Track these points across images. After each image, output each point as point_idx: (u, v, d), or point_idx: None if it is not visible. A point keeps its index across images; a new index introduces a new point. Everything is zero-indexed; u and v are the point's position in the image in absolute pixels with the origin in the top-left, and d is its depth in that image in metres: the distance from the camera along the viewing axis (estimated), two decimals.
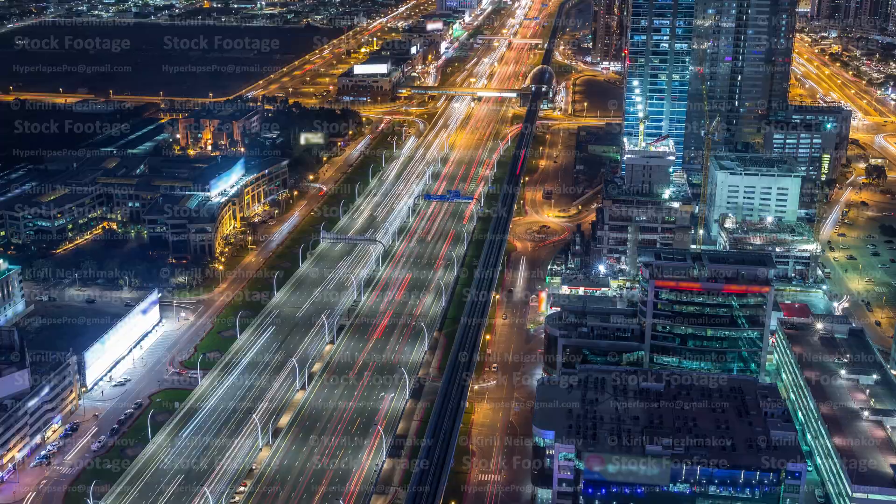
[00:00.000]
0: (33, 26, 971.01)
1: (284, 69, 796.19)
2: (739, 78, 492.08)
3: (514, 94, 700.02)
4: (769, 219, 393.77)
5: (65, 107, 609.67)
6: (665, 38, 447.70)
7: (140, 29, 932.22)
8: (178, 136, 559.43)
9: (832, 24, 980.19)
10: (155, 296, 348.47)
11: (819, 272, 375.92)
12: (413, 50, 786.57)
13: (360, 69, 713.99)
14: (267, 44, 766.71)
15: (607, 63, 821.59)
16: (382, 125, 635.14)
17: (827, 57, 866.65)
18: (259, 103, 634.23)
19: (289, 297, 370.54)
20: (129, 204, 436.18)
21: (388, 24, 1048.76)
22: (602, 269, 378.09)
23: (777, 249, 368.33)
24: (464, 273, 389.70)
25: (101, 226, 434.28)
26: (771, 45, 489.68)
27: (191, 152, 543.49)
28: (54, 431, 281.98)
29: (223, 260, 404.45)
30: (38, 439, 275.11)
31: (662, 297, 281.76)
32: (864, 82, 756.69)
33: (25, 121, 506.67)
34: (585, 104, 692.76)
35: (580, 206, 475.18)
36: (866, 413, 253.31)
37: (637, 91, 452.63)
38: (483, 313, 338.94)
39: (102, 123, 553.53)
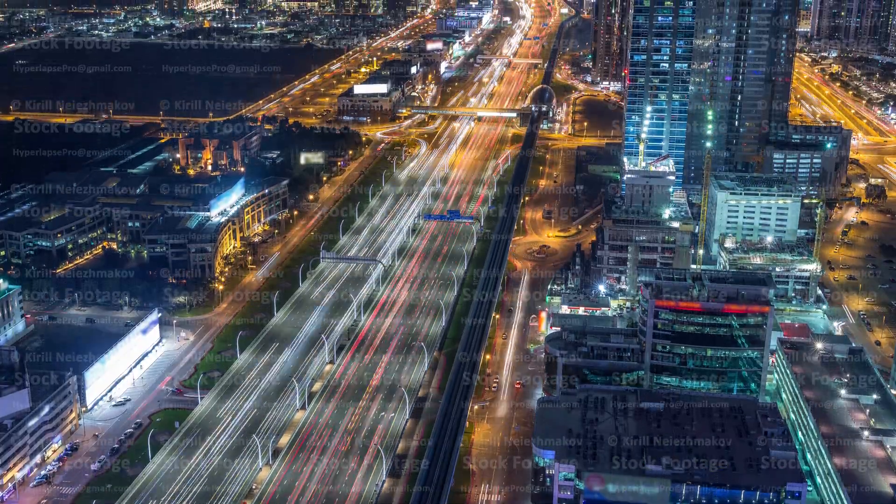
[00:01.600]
0: (33, 46, 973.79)
1: (284, 89, 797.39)
2: (739, 98, 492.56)
3: (514, 114, 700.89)
4: (769, 239, 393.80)
5: (65, 127, 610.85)
6: (665, 58, 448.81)
7: (140, 49, 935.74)
8: (178, 155, 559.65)
9: (832, 45, 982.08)
10: (155, 315, 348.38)
11: (819, 292, 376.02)
12: (413, 70, 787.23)
13: (360, 89, 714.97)
14: (267, 64, 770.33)
15: (607, 83, 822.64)
16: (382, 145, 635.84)
17: (827, 77, 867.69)
18: (259, 123, 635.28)
19: (289, 317, 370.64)
20: (129, 224, 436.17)
21: (388, 44, 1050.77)
22: (602, 288, 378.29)
23: (777, 269, 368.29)
24: (464, 294, 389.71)
25: (101, 246, 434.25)
26: (771, 65, 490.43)
27: (191, 172, 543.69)
28: (54, 451, 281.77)
29: (223, 280, 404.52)
30: (38, 459, 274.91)
31: (662, 316, 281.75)
32: (864, 102, 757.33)
33: (25, 140, 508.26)
34: (585, 124, 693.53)
35: (580, 226, 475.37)
36: (866, 433, 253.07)
37: (637, 111, 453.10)
38: (483, 332, 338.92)
39: (102, 143, 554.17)
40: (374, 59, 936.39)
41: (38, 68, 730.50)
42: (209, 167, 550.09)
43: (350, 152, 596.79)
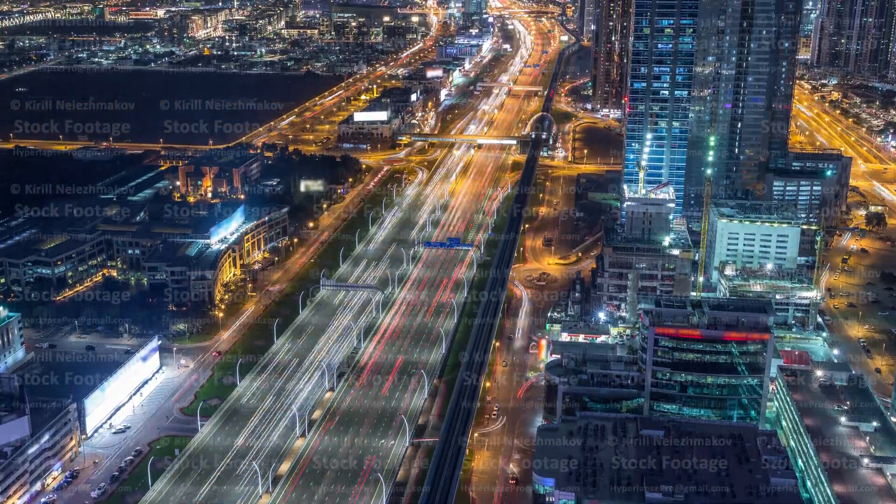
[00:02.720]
0: (33, 74, 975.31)
1: (284, 116, 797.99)
2: (739, 125, 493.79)
3: (514, 142, 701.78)
4: (769, 266, 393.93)
5: (65, 154, 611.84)
6: (665, 85, 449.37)
7: (140, 76, 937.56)
8: (178, 183, 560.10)
9: (832, 72, 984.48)
10: (155, 343, 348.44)
11: (819, 319, 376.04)
12: (413, 97, 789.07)
13: (360, 116, 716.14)
14: (267, 91, 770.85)
15: (607, 110, 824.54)
16: (382, 172, 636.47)
17: (827, 104, 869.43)
18: (259, 150, 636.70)
19: (289, 344, 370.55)
20: (129, 251, 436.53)
21: (389, 72, 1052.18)
22: (602, 316, 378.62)
23: (777, 297, 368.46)
24: (464, 321, 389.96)
25: (101, 273, 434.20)
26: (771, 93, 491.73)
27: (191, 199, 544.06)
28: (54, 478, 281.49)
29: (223, 307, 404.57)
30: (38, 486, 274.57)
31: (662, 344, 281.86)
32: (864, 129, 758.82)
33: (25, 168, 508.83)
34: (585, 151, 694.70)
35: (580, 254, 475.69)
36: (866, 460, 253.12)
37: (637, 138, 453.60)
38: (483, 359, 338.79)
39: (102, 170, 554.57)
40: (374, 86, 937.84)
41: (39, 96, 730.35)
42: (209, 194, 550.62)
43: (350, 180, 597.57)
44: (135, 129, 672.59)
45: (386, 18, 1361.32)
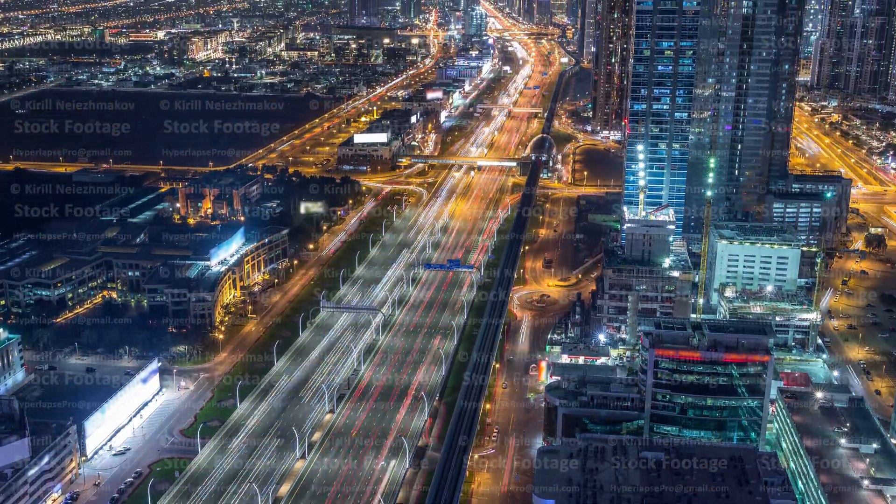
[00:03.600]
0: (33, 95, 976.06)
1: (284, 138, 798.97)
2: (739, 147, 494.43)
3: (514, 164, 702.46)
4: (769, 288, 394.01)
5: (64, 176, 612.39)
6: (665, 106, 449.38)
7: (140, 98, 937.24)
8: (178, 204, 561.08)
9: (832, 94, 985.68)
10: (155, 364, 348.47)
11: (819, 341, 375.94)
12: (413, 119, 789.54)
13: (359, 138, 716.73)
14: (267, 113, 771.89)
15: (607, 132, 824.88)
16: (382, 194, 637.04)
17: (827, 126, 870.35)
18: (259, 172, 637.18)
19: (289, 366, 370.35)
20: (129, 273, 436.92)
21: (388, 93, 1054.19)
22: (602, 337, 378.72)
23: (777, 318, 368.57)
24: (464, 339, 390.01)
25: (101, 295, 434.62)
26: (771, 115, 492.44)
27: (191, 221, 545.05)
28: (54, 500, 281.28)
29: (223, 329, 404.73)
30: None
31: (662, 365, 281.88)
32: (863, 151, 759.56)
33: (25, 190, 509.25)
34: (585, 173, 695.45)
35: (580, 275, 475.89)
36: (866, 482, 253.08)
37: (637, 160, 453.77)
38: (483, 381, 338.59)
39: (102, 192, 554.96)
40: (374, 108, 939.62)
41: (39, 118, 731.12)
42: (209, 216, 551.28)
43: (350, 201, 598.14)
44: (135, 151, 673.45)
45: (386, 40, 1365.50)
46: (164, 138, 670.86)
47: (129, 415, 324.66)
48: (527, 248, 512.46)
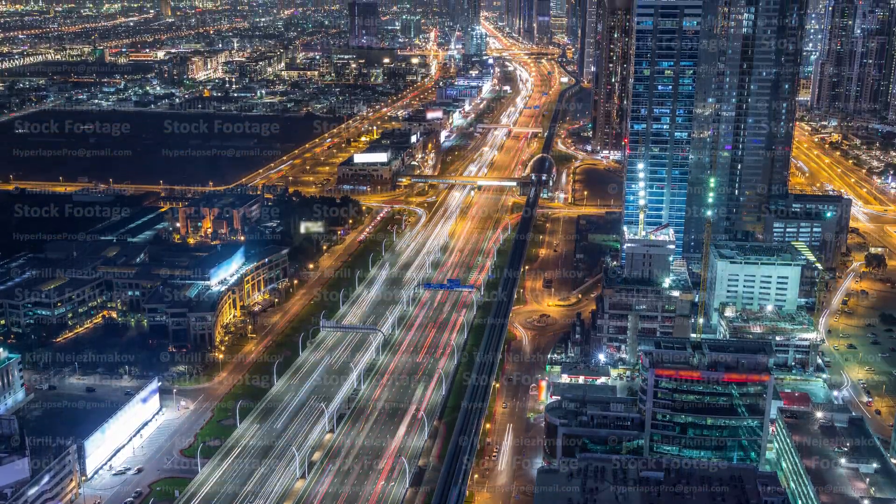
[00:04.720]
0: (33, 115, 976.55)
1: (284, 157, 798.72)
2: (739, 166, 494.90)
3: (514, 183, 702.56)
4: (769, 307, 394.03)
5: (65, 195, 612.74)
6: (665, 126, 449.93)
7: (140, 118, 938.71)
8: (178, 224, 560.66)
9: (832, 113, 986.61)
10: (155, 384, 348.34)
11: (819, 361, 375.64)
12: (413, 138, 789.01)
13: (360, 158, 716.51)
14: (267, 132, 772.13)
15: (607, 151, 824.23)
16: (382, 214, 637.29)
17: (827, 146, 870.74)
18: (259, 192, 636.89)
19: (289, 386, 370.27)
20: (129, 292, 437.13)
21: (388, 113, 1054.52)
22: (602, 357, 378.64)
23: (777, 338, 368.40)
24: (464, 358, 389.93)
25: (101, 314, 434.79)
26: (771, 133, 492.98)
27: (191, 241, 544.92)
28: None
29: (223, 348, 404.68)
30: None
31: (662, 385, 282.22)
32: (864, 171, 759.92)
33: (25, 209, 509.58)
34: (585, 193, 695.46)
35: (580, 295, 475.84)
36: (866, 502, 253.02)
37: (637, 179, 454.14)
38: (483, 401, 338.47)
39: (102, 211, 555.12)
40: (374, 127, 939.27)
41: (39, 137, 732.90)
42: (209, 236, 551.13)
43: (350, 221, 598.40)
44: (135, 171, 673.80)
45: (386, 60, 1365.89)
46: (164, 158, 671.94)
47: (129, 434, 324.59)
48: (527, 267, 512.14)
